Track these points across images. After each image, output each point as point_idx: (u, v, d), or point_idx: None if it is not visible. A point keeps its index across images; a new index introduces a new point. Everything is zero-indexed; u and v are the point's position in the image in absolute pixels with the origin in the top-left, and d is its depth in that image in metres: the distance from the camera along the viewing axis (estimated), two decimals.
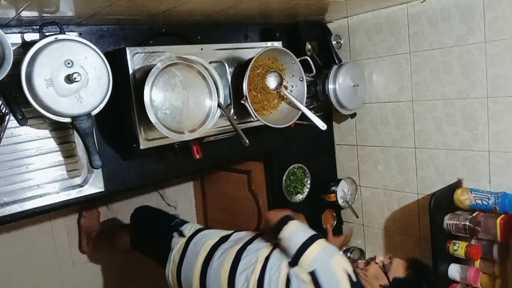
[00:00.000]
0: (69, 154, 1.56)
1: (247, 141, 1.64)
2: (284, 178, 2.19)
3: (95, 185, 1.58)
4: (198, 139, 1.75)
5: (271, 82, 1.85)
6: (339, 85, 2.07)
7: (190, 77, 1.59)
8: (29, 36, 1.43)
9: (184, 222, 1.95)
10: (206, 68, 1.59)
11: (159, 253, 1.91)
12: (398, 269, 1.53)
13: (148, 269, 2.55)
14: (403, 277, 1.51)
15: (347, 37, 2.28)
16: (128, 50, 1.51)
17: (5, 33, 1.28)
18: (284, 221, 1.60)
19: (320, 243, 1.52)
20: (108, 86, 1.44)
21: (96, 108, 1.43)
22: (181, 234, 1.85)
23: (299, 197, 2.27)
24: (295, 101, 1.83)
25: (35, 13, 1.36)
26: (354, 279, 1.46)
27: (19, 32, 1.44)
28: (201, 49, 1.68)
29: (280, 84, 1.85)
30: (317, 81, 2.11)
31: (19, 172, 1.47)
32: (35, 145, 1.49)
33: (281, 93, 1.85)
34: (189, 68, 1.58)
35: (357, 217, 2.38)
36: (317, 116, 2.14)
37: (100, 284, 2.62)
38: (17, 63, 1.30)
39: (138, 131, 1.54)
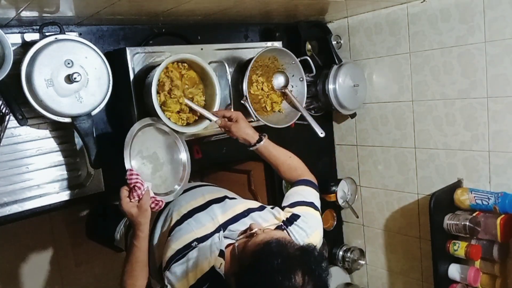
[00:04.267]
0: (69, 154, 1.56)
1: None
2: None
3: (95, 185, 1.58)
4: (198, 139, 1.75)
5: (278, 82, 1.85)
6: (339, 85, 2.07)
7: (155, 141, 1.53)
8: (29, 36, 1.43)
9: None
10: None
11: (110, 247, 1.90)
12: (249, 250, 1.18)
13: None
14: (246, 263, 1.15)
15: (347, 37, 2.28)
16: (128, 50, 1.51)
17: (5, 33, 1.28)
18: None
19: None
20: (108, 86, 1.45)
21: (96, 108, 1.43)
22: (120, 249, 1.79)
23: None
24: (298, 105, 1.84)
25: (35, 13, 1.36)
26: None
27: (19, 32, 1.43)
28: (201, 49, 1.68)
29: (285, 85, 1.85)
30: (317, 81, 2.11)
31: (19, 172, 1.46)
32: (35, 145, 1.49)
33: (287, 95, 1.86)
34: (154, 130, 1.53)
35: (357, 217, 2.38)
36: (318, 116, 2.15)
37: (100, 284, 2.62)
38: (17, 63, 1.30)
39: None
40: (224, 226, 1.33)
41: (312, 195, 1.50)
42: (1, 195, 1.43)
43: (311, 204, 1.44)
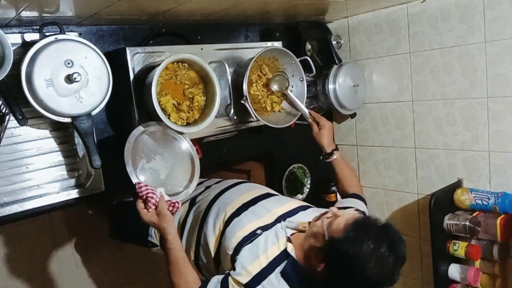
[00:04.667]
0: (69, 154, 1.56)
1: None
2: (284, 178, 2.19)
3: (95, 185, 1.58)
4: (198, 139, 1.75)
5: (278, 83, 1.86)
6: (339, 85, 2.07)
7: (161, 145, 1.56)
8: (29, 36, 1.43)
9: None
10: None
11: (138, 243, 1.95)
12: (338, 228, 1.26)
13: (149, 269, 2.56)
14: (338, 237, 1.24)
15: (347, 37, 2.28)
16: (128, 50, 1.51)
17: (5, 33, 1.28)
18: None
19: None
20: (108, 86, 1.44)
21: (96, 108, 1.43)
22: (153, 244, 1.83)
23: (299, 197, 2.27)
24: (299, 105, 1.85)
25: (35, 13, 1.36)
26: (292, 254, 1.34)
27: (19, 32, 1.44)
28: (201, 49, 1.68)
29: (286, 86, 1.86)
30: (317, 81, 2.11)
31: (19, 172, 1.46)
32: (35, 145, 1.49)
33: (287, 96, 1.87)
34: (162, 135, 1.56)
35: None
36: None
37: (101, 284, 2.62)
38: (17, 63, 1.30)
39: None
40: (283, 217, 1.46)
41: (362, 206, 1.69)
42: (1, 195, 1.43)
43: (362, 213, 1.54)
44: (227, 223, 1.46)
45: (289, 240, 1.37)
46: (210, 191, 1.69)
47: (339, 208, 1.49)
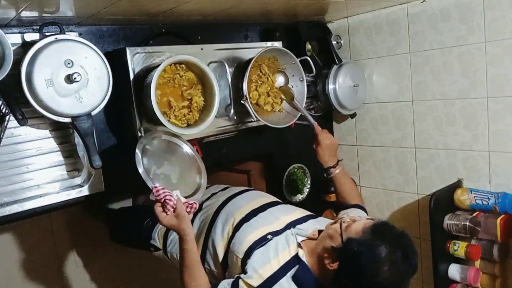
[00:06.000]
0: (69, 154, 1.56)
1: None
2: (284, 178, 2.19)
3: (95, 185, 1.58)
4: (198, 139, 1.75)
5: (278, 82, 1.86)
6: (339, 85, 2.07)
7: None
8: (29, 36, 1.43)
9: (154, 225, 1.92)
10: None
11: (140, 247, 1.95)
12: (357, 231, 1.30)
13: (149, 269, 2.56)
14: (357, 237, 1.28)
15: (347, 37, 2.28)
16: (128, 50, 1.51)
17: (5, 33, 1.28)
18: None
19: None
20: (108, 86, 1.44)
21: (96, 108, 1.43)
22: (156, 248, 1.83)
23: (299, 197, 2.27)
24: (298, 106, 1.85)
25: (35, 13, 1.36)
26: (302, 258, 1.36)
27: (19, 32, 1.43)
28: (201, 49, 1.68)
29: (285, 85, 1.86)
30: (317, 81, 2.11)
31: (19, 172, 1.46)
32: (35, 145, 1.49)
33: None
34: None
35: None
36: (318, 116, 2.15)
37: (101, 284, 2.62)
38: (17, 63, 1.30)
39: (138, 131, 1.54)
40: (293, 224, 1.48)
41: (364, 215, 1.70)
42: (1, 195, 1.43)
43: None
44: (237, 228, 1.48)
45: (299, 246, 1.39)
46: (217, 197, 1.72)
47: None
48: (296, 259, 1.35)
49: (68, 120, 1.39)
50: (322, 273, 1.32)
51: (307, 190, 2.29)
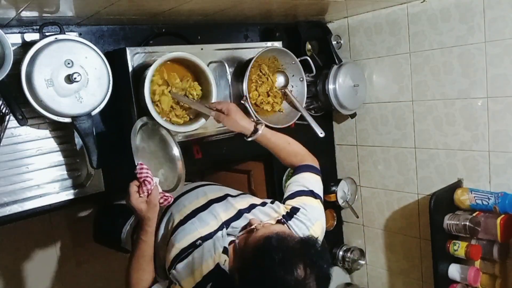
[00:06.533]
0: (69, 154, 1.56)
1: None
2: (284, 178, 2.19)
3: (95, 185, 1.58)
4: (198, 139, 1.75)
5: (278, 82, 1.86)
6: (339, 85, 2.07)
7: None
8: (29, 36, 1.43)
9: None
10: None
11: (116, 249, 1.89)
12: (249, 246, 1.19)
13: None
14: (247, 259, 1.16)
15: (347, 37, 2.28)
16: (128, 50, 1.51)
17: (5, 33, 1.28)
18: None
19: None
20: (108, 86, 1.45)
21: (96, 108, 1.43)
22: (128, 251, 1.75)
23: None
24: (298, 106, 1.84)
25: (35, 13, 1.36)
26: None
27: (19, 32, 1.43)
28: (201, 49, 1.68)
29: (285, 85, 1.86)
30: (317, 81, 2.11)
31: (19, 172, 1.46)
32: (35, 145, 1.49)
33: (287, 95, 1.86)
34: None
35: (357, 217, 2.38)
36: (318, 116, 2.15)
37: (101, 284, 2.62)
38: (17, 63, 1.30)
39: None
40: (227, 224, 1.34)
41: (311, 181, 1.48)
42: (1, 195, 1.43)
43: (310, 193, 1.43)
44: (173, 232, 1.37)
45: (225, 251, 1.25)
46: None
47: (285, 201, 1.41)
48: (218, 268, 1.22)
49: (68, 120, 1.39)
50: None
51: None
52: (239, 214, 1.37)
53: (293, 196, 1.42)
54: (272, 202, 1.43)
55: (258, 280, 1.08)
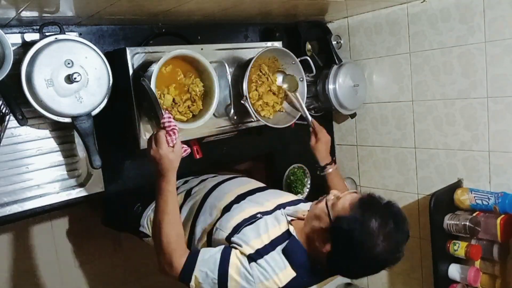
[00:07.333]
0: (69, 154, 1.56)
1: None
2: (284, 178, 2.19)
3: (95, 185, 1.58)
4: (198, 139, 1.75)
5: (288, 84, 1.86)
6: (339, 85, 2.07)
7: None
8: (29, 36, 1.43)
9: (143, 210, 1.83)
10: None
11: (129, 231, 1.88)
12: (344, 208, 1.26)
13: (149, 269, 2.55)
14: (345, 215, 1.24)
15: (347, 37, 2.28)
16: (128, 50, 1.51)
17: (5, 33, 1.28)
18: None
19: None
20: (108, 86, 1.45)
21: (96, 108, 1.43)
22: (145, 235, 1.76)
23: (299, 197, 2.27)
24: (299, 107, 1.85)
25: (35, 13, 1.36)
26: (293, 233, 1.34)
27: (19, 32, 1.43)
28: (201, 49, 1.67)
29: (295, 89, 1.86)
30: (317, 81, 2.11)
31: (19, 172, 1.46)
32: (35, 145, 1.49)
33: (287, 95, 1.87)
34: None
35: None
36: (318, 116, 2.15)
37: (101, 284, 2.62)
38: (17, 63, 1.30)
39: (138, 131, 1.54)
40: (282, 206, 1.46)
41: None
42: (1, 195, 1.43)
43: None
44: (226, 209, 1.44)
45: (289, 223, 1.36)
46: (206, 183, 1.67)
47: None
48: (286, 234, 1.32)
49: (68, 120, 1.39)
50: (313, 251, 1.29)
51: (307, 190, 2.29)
52: (294, 202, 1.51)
53: None
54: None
55: (357, 229, 1.19)
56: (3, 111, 1.34)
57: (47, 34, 1.37)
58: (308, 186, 2.29)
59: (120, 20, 1.62)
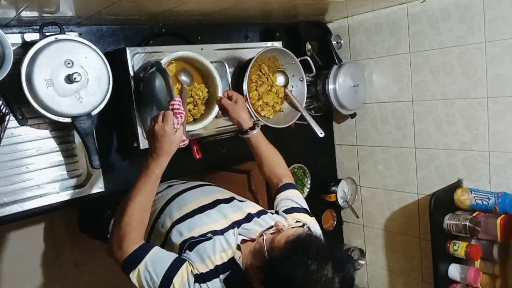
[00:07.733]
0: (69, 154, 1.56)
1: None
2: None
3: (95, 185, 1.58)
4: (198, 139, 1.75)
5: (279, 82, 1.86)
6: (339, 85, 2.07)
7: None
8: (29, 36, 1.43)
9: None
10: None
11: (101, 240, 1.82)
12: (279, 246, 1.16)
13: None
14: (277, 256, 1.14)
15: (347, 37, 2.28)
16: (128, 50, 1.51)
17: (5, 33, 1.28)
18: None
19: None
20: (108, 86, 1.45)
21: (96, 108, 1.43)
22: None
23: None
24: (298, 105, 1.84)
25: (35, 13, 1.36)
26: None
27: (19, 32, 1.43)
28: (201, 49, 1.68)
29: (285, 85, 1.86)
30: (317, 81, 2.11)
31: (19, 172, 1.46)
32: (35, 145, 1.49)
33: (287, 94, 1.87)
34: None
35: (357, 217, 2.38)
36: (318, 116, 2.15)
37: (101, 284, 2.62)
38: (17, 63, 1.31)
39: (138, 131, 1.54)
40: (238, 224, 1.35)
41: (301, 200, 1.53)
42: (1, 195, 1.43)
43: (305, 211, 1.48)
44: (178, 222, 1.36)
45: (238, 248, 1.27)
46: (169, 190, 1.58)
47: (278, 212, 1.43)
48: (232, 262, 1.23)
49: (68, 120, 1.39)
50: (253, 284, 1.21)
51: (307, 190, 2.29)
52: (249, 217, 1.38)
53: (289, 211, 1.44)
54: (272, 213, 1.45)
55: (289, 273, 1.08)
56: (3, 111, 1.34)
57: (47, 34, 1.37)
58: (308, 186, 2.29)
59: (120, 20, 1.62)
